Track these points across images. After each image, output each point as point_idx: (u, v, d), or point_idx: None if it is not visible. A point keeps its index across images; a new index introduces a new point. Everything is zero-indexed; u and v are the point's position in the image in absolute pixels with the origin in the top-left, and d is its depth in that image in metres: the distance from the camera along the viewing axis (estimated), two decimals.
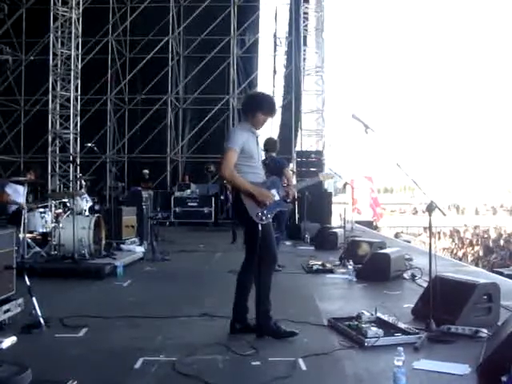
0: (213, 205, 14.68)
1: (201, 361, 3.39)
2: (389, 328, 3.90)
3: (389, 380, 2.93)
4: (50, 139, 14.37)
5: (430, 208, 4.02)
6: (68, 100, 14.13)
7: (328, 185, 16.64)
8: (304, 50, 16.96)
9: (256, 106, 4.06)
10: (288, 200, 4.30)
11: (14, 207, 7.43)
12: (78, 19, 14.23)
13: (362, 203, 17.99)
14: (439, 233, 23.81)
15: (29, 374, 2.88)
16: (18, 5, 16.01)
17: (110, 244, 7.72)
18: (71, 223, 6.71)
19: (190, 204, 14.63)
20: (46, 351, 3.60)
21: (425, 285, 5.18)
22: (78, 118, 14.70)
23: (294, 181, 7.23)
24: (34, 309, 4.06)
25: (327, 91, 17.40)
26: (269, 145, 7.17)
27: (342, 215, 11.43)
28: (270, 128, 17.13)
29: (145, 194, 9.88)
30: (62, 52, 14.03)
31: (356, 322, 3.99)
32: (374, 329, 3.77)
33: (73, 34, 14.00)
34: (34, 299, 4.07)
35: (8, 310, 4.01)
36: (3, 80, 16.11)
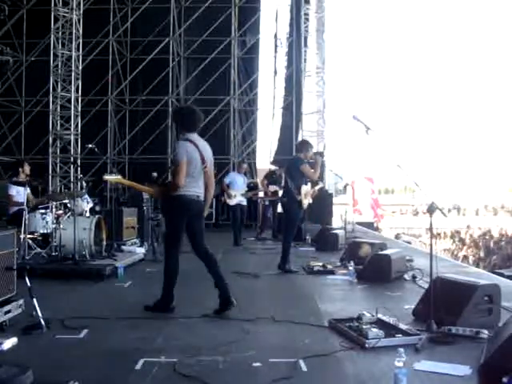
0: (213, 206, 14.69)
1: (201, 362, 3.39)
2: (390, 329, 3.90)
3: (390, 381, 2.93)
4: (50, 140, 14.35)
5: (431, 209, 4.02)
6: (69, 101, 14.11)
7: (329, 186, 16.65)
8: (305, 51, 16.99)
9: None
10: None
11: (15, 208, 7.42)
12: (79, 20, 14.20)
13: (363, 204, 17.98)
14: (440, 234, 23.80)
15: (30, 375, 2.88)
16: (18, 6, 15.99)
17: (110, 245, 7.72)
18: (72, 224, 6.71)
19: None
20: (46, 352, 3.60)
21: (426, 286, 5.18)
22: (79, 119, 14.67)
23: (314, 173, 7.22)
24: (35, 310, 4.06)
25: (328, 92, 17.47)
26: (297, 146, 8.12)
27: (342, 216, 11.43)
28: (271, 129, 17.25)
29: (145, 195, 9.88)
30: (62, 53, 14.00)
31: (357, 323, 3.98)
32: (375, 330, 3.77)
33: (73, 35, 13.98)
34: (34, 300, 4.07)
35: (9, 311, 4.02)
36: (4, 81, 16.08)
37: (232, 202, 10.50)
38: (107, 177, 5.58)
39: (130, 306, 4.98)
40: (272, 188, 11.79)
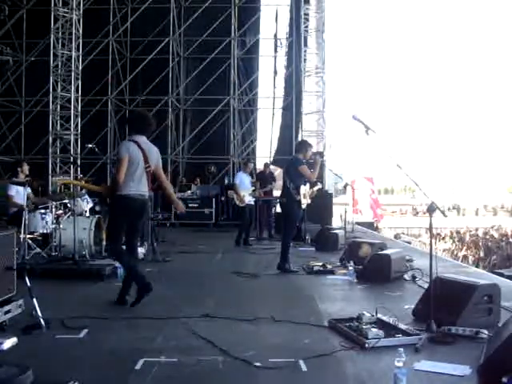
0: (213, 206, 14.69)
1: (201, 362, 3.39)
2: (389, 329, 3.90)
3: (390, 381, 2.93)
4: (50, 140, 14.35)
5: (431, 209, 4.02)
6: (68, 101, 14.11)
7: (329, 186, 16.65)
8: (304, 51, 16.96)
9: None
10: None
11: (14, 208, 7.42)
12: (79, 20, 14.20)
13: (363, 204, 18.00)
14: (440, 234, 23.80)
15: (30, 374, 2.88)
16: (18, 6, 16.00)
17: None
18: (72, 224, 6.71)
19: (190, 205, 14.63)
20: (46, 352, 3.60)
21: (425, 286, 5.18)
22: (79, 119, 14.67)
23: (312, 174, 7.28)
24: (35, 310, 4.06)
25: (328, 92, 17.41)
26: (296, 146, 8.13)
27: (342, 216, 11.43)
28: (271, 129, 17.24)
29: None
30: (62, 53, 14.00)
31: (357, 323, 3.98)
32: (375, 330, 3.77)
33: (73, 35, 13.97)
34: (34, 300, 4.07)
35: (9, 311, 4.02)
36: (4, 81, 16.10)
37: (243, 203, 10.28)
38: (56, 178, 5.65)
39: (129, 306, 4.98)
40: (270, 187, 11.78)
